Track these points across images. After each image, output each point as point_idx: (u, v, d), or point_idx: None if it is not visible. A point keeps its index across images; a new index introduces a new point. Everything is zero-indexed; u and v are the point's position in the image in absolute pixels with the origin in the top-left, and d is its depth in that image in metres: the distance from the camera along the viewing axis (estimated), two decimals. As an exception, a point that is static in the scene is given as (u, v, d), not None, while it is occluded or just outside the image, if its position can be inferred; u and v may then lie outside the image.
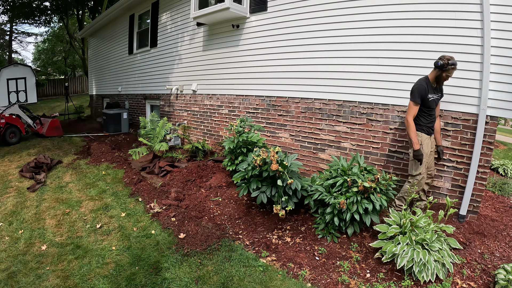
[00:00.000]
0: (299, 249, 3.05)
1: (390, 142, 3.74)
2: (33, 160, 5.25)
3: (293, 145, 4.71)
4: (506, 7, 2.95)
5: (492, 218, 3.48)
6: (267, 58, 4.95)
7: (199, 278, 2.60)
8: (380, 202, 2.99)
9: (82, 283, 2.50)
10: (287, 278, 2.64)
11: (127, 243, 3.10)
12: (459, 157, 3.32)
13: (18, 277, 2.54)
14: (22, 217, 3.55)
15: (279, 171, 3.18)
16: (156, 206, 3.89)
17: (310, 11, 4.34)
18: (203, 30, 6.20)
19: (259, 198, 3.36)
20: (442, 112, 3.38)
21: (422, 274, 2.44)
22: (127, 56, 9.40)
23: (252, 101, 5.29)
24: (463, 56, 3.19)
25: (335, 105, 4.18)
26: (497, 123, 3.15)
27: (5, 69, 15.50)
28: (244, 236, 3.32)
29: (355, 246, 3.02)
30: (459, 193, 3.34)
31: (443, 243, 2.65)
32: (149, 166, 5.43)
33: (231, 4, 4.96)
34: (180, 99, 7.08)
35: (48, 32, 23.83)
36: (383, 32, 3.69)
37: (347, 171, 3.31)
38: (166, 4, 7.36)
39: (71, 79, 21.41)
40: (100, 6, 16.47)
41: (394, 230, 2.76)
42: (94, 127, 9.72)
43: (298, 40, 4.51)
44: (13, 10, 16.78)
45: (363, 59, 3.86)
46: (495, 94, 3.07)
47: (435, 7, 3.32)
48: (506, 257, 2.80)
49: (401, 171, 3.67)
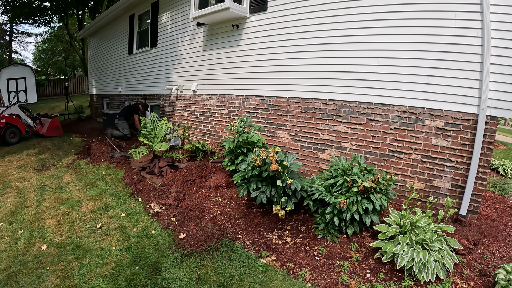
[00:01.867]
0: (299, 249, 3.05)
1: (390, 142, 3.74)
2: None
3: (293, 145, 4.71)
4: (506, 7, 2.95)
5: (492, 218, 3.48)
6: (267, 58, 4.95)
7: (199, 278, 2.60)
8: (380, 202, 2.99)
9: (82, 283, 2.50)
10: (287, 278, 2.64)
11: (127, 243, 3.10)
12: (459, 157, 3.32)
13: (18, 277, 2.54)
14: (22, 217, 3.55)
15: (279, 171, 3.18)
16: (156, 206, 3.89)
17: (310, 11, 4.35)
18: (203, 30, 6.20)
19: (259, 198, 3.36)
20: (442, 112, 3.38)
21: (422, 274, 2.44)
22: (127, 56, 9.40)
23: (252, 101, 5.29)
24: (463, 56, 3.20)
25: (335, 105, 4.18)
26: (497, 123, 3.15)
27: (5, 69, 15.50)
28: (244, 236, 3.32)
29: (355, 246, 3.02)
30: (459, 193, 3.34)
31: (443, 243, 2.65)
32: (149, 166, 5.43)
33: (231, 4, 4.96)
34: (180, 99, 7.08)
35: (48, 32, 23.85)
36: (383, 32, 3.69)
37: (347, 171, 3.31)
38: (166, 4, 7.36)
39: (71, 79, 21.41)
40: (100, 6, 16.46)
41: (394, 230, 2.76)
42: (94, 127, 9.72)
43: (298, 40, 4.51)
44: (13, 10, 16.78)
45: (363, 59, 3.86)
46: (495, 94, 3.07)
47: (435, 7, 3.32)
48: (506, 257, 2.80)
49: (401, 171, 3.67)
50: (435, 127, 3.43)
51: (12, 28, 21.13)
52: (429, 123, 3.47)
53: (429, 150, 3.48)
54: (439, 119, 3.40)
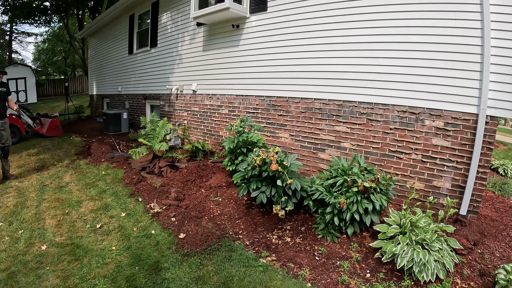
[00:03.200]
0: (299, 249, 3.05)
1: (390, 142, 3.74)
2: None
3: (293, 145, 4.71)
4: (506, 7, 2.95)
5: (492, 218, 3.48)
6: (267, 58, 4.95)
7: (199, 278, 2.60)
8: (380, 202, 2.99)
9: (82, 283, 2.49)
10: (287, 278, 2.64)
11: (127, 243, 3.09)
12: (459, 157, 3.32)
13: (18, 277, 2.54)
14: (22, 217, 3.55)
15: (279, 171, 3.18)
16: (156, 206, 3.89)
17: (310, 11, 4.34)
18: (203, 30, 6.20)
19: (259, 198, 3.35)
20: (442, 112, 3.38)
21: (422, 274, 2.44)
22: (127, 56, 9.40)
23: (252, 101, 5.29)
24: (463, 56, 3.20)
25: (335, 105, 4.18)
26: (497, 123, 3.15)
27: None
28: (244, 236, 3.32)
29: (355, 246, 3.02)
30: (459, 193, 3.34)
31: (443, 243, 2.65)
32: (149, 166, 5.43)
33: (231, 4, 4.96)
34: (180, 99, 7.08)
35: (48, 32, 23.88)
36: (383, 32, 3.69)
37: (347, 171, 3.31)
38: (166, 4, 7.36)
39: (71, 79, 21.42)
40: (100, 6, 16.47)
41: (394, 230, 2.76)
42: (94, 127, 9.72)
43: (298, 40, 4.51)
44: (13, 10, 16.79)
45: (363, 59, 3.86)
46: (495, 94, 3.07)
47: (435, 7, 3.32)
48: (506, 257, 2.80)
49: (401, 171, 3.67)
50: (435, 127, 3.43)
51: (12, 28, 21.15)
52: (429, 123, 3.47)
53: (429, 150, 3.48)
54: (439, 119, 3.40)
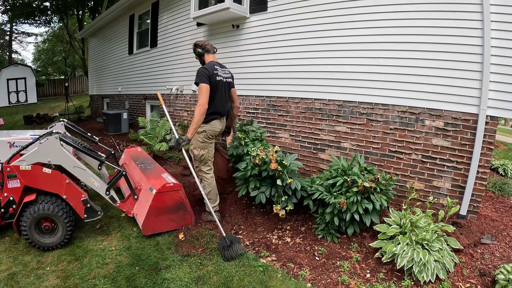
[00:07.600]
0: (299, 249, 3.05)
1: (390, 142, 3.74)
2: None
3: (293, 145, 4.71)
4: (506, 7, 2.95)
5: (492, 218, 3.48)
6: (267, 58, 4.95)
7: (199, 278, 2.60)
8: (380, 202, 2.98)
9: (82, 283, 2.49)
10: (287, 278, 2.64)
11: (127, 243, 3.09)
12: (459, 157, 3.32)
13: (18, 277, 2.54)
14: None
15: (279, 171, 3.18)
16: (156, 206, 3.88)
17: (310, 11, 4.35)
18: (203, 30, 6.21)
19: (258, 198, 3.35)
20: (442, 112, 3.38)
21: (422, 274, 2.44)
22: (127, 56, 9.41)
23: (252, 101, 5.29)
24: (463, 56, 3.19)
25: (335, 105, 4.18)
26: (497, 123, 3.15)
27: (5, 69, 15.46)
28: (244, 236, 3.32)
29: (355, 246, 3.02)
30: (459, 193, 3.34)
31: (443, 243, 2.65)
32: (149, 166, 5.42)
33: (231, 4, 4.96)
34: (180, 99, 7.08)
35: (48, 32, 23.90)
36: (383, 32, 3.69)
37: (347, 171, 3.31)
38: (166, 4, 7.36)
39: (71, 79, 21.42)
40: (100, 6, 16.48)
41: (394, 230, 2.76)
42: (94, 127, 9.72)
43: (298, 40, 4.51)
44: (13, 10, 16.81)
45: (363, 59, 3.86)
46: (495, 94, 3.07)
47: (435, 7, 3.32)
48: (506, 257, 2.80)
49: (401, 171, 3.67)
50: (435, 127, 3.43)
51: (12, 28, 21.17)
52: (429, 123, 3.47)
53: (429, 150, 3.48)
54: (439, 119, 3.40)
